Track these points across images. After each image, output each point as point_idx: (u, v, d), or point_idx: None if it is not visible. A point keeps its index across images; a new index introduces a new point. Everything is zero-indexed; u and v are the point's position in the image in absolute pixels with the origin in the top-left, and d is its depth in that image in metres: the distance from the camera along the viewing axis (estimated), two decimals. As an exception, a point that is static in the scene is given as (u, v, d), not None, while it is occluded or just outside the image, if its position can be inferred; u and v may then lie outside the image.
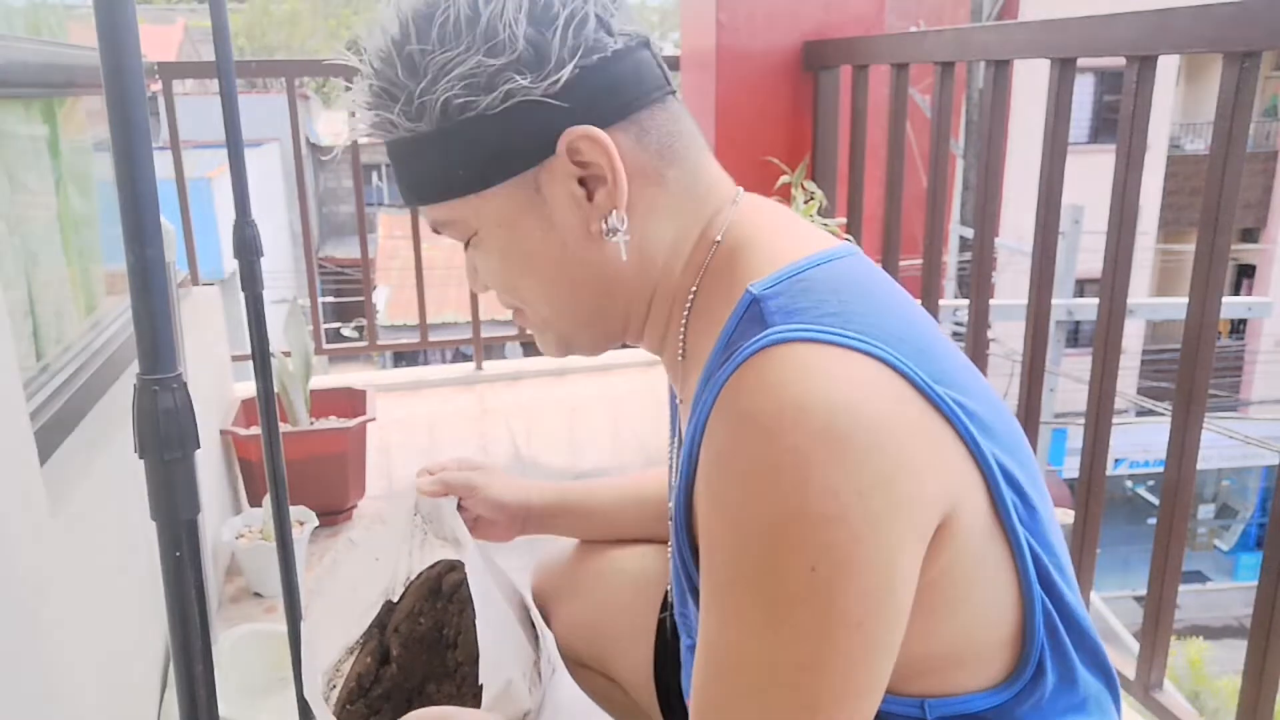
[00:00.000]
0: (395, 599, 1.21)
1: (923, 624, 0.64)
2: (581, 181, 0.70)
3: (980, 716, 0.68)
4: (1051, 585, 0.68)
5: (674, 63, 2.57)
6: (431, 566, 1.19)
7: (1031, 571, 0.66)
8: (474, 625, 1.08)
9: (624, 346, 0.81)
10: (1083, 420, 1.47)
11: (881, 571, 0.59)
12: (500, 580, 1.24)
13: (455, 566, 1.19)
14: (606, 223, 0.70)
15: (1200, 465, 1.35)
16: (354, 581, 1.22)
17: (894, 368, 0.61)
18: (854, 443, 0.57)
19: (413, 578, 1.21)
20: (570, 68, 0.67)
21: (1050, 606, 0.68)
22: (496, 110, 0.67)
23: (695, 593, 0.72)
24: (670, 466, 0.93)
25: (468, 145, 0.69)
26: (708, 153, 0.77)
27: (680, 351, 0.77)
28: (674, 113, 0.73)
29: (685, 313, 0.75)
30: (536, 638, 1.25)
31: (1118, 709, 0.76)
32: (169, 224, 1.77)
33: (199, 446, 0.60)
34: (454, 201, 0.72)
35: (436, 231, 0.76)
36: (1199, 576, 12.89)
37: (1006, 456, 0.66)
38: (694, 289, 0.74)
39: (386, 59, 0.69)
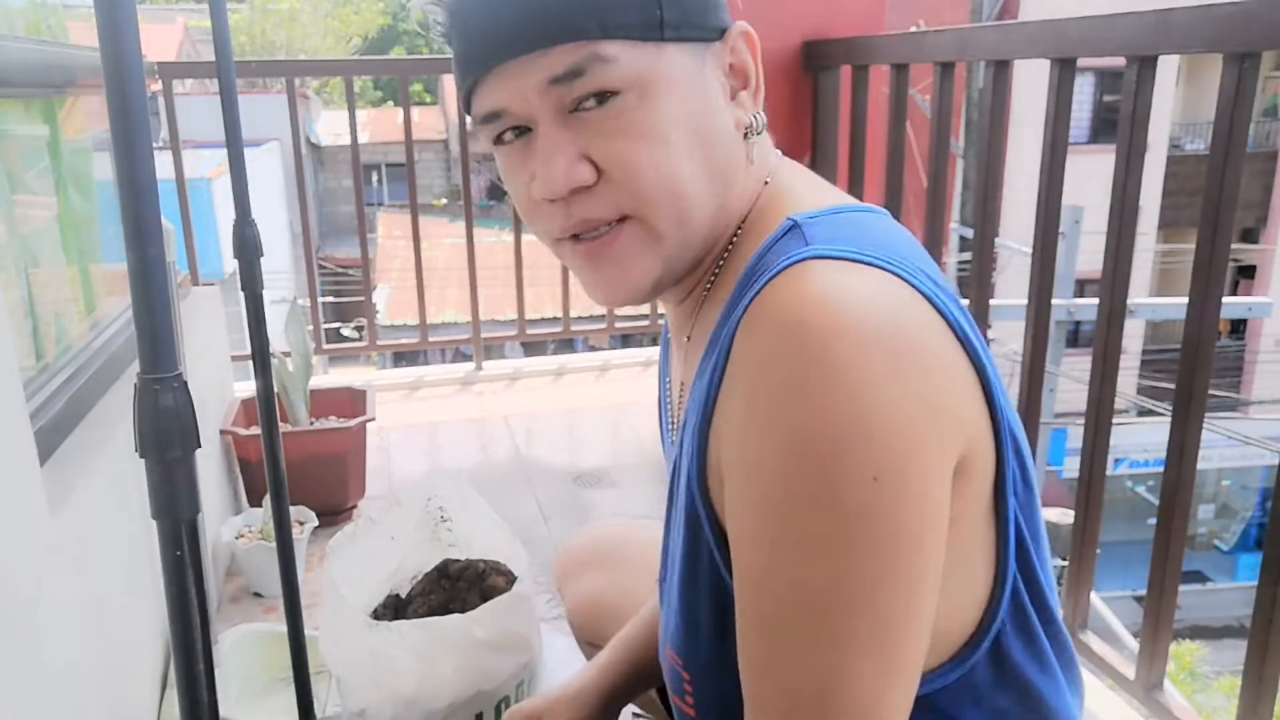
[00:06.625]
0: (403, 595, 1.30)
1: None
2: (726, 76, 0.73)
3: (925, 699, 0.64)
4: (1030, 571, 0.66)
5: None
6: (439, 564, 1.37)
7: (1012, 554, 0.64)
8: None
9: (652, 300, 0.79)
10: (1083, 420, 1.47)
11: (934, 487, 0.57)
12: None
13: (457, 560, 1.37)
14: (756, 119, 0.73)
15: (1200, 465, 1.35)
16: (372, 553, 1.35)
17: (937, 308, 0.60)
18: (906, 360, 0.56)
19: (419, 576, 1.37)
20: None
21: (1025, 594, 0.66)
22: None
23: (692, 552, 0.70)
24: (661, 416, 0.92)
25: None
26: None
27: (708, 286, 0.75)
28: None
29: (725, 250, 0.74)
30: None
31: (1078, 701, 0.74)
32: (169, 224, 1.76)
33: (199, 445, 0.60)
34: (634, 44, 0.67)
35: (557, 82, 0.67)
36: (1199, 576, 12.87)
37: (1018, 427, 0.65)
38: (739, 228, 0.74)
39: None
